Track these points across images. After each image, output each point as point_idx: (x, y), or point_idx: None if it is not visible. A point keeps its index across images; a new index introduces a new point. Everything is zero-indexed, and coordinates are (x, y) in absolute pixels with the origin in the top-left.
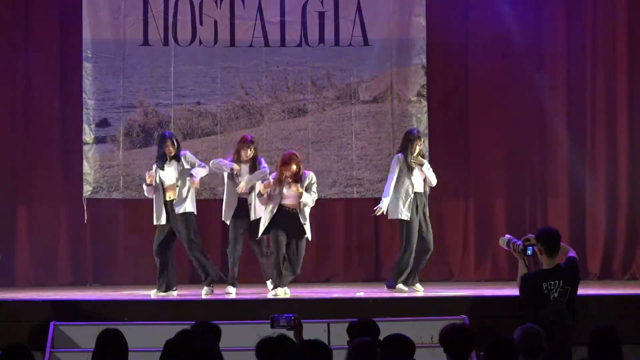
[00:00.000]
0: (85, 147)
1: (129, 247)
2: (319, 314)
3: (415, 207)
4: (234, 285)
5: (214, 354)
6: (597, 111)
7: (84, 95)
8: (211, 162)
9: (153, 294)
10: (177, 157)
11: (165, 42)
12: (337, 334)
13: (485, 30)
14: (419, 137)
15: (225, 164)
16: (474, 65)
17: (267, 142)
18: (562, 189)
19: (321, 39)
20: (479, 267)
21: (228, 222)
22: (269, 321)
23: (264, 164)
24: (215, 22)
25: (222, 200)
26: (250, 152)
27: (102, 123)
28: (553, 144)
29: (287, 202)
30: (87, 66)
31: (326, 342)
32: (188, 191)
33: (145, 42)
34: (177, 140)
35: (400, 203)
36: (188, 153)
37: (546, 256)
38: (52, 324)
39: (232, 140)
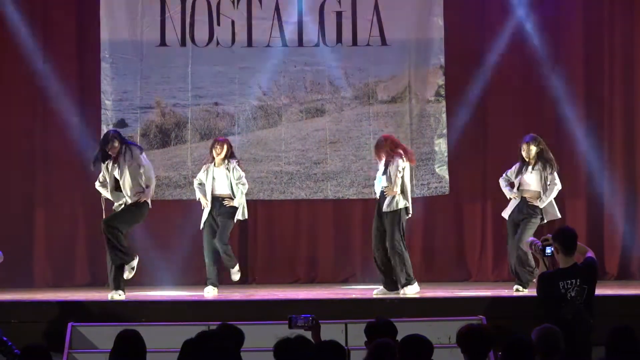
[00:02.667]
0: None
1: (147, 248)
2: (337, 315)
3: None
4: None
5: (232, 355)
6: (615, 111)
7: (102, 96)
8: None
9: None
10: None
11: (183, 43)
12: (354, 335)
13: (503, 29)
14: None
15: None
16: (492, 65)
17: (284, 142)
18: (580, 190)
19: (339, 39)
20: (496, 267)
21: None
22: (287, 321)
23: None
24: (233, 22)
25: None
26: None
27: (120, 124)
28: (571, 145)
29: None
30: (104, 67)
31: (344, 343)
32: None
33: (163, 42)
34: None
35: None
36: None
37: (563, 255)
38: (70, 324)
39: (249, 141)
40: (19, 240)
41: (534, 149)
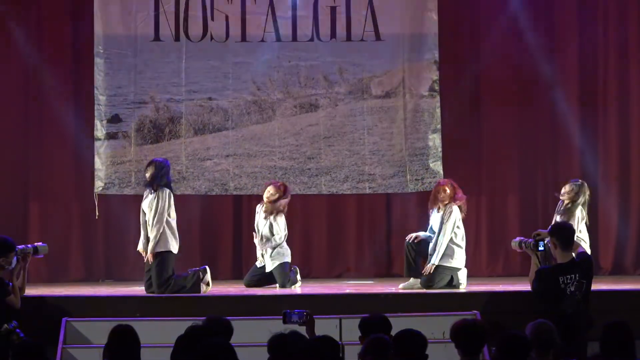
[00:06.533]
0: (97, 143)
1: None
2: (331, 310)
3: None
4: None
5: (226, 350)
6: (609, 108)
7: (95, 91)
8: None
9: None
10: None
11: (177, 38)
12: (349, 330)
13: (497, 24)
14: None
15: None
16: (486, 60)
17: (278, 137)
18: None
19: (333, 34)
20: (491, 262)
21: None
22: (281, 317)
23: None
24: (227, 17)
25: (233, 195)
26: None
27: (114, 119)
28: (565, 139)
29: None
30: (98, 62)
31: (338, 338)
32: None
33: (157, 37)
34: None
35: None
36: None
37: (561, 250)
38: (64, 320)
39: (243, 136)
40: (13, 235)
41: None
